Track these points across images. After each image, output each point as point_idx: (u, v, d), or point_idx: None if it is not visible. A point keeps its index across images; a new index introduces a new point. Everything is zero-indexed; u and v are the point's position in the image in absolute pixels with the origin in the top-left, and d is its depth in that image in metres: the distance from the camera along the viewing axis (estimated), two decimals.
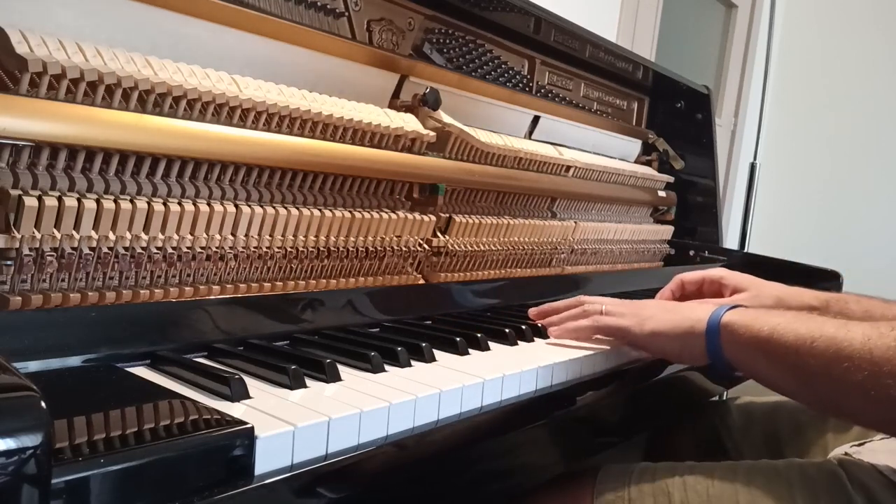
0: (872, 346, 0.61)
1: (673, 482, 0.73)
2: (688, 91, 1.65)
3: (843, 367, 0.62)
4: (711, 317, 0.75)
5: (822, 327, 0.65)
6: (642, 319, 0.81)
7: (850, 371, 0.61)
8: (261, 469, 0.46)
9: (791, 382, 0.70)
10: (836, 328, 0.64)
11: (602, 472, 0.77)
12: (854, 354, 0.61)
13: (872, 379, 0.60)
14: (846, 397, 0.64)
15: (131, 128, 0.63)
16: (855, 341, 0.62)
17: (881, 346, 0.60)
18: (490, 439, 0.65)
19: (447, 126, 0.96)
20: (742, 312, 0.74)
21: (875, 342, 0.61)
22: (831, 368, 0.63)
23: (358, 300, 0.84)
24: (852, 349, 0.62)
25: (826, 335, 0.64)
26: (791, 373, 0.68)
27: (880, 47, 3.18)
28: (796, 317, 0.69)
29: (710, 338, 0.75)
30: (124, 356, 0.61)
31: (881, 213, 3.17)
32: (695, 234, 1.70)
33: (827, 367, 0.63)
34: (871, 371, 0.60)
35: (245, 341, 0.70)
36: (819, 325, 0.66)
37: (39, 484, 0.35)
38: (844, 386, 0.63)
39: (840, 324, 0.65)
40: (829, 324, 0.66)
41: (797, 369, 0.67)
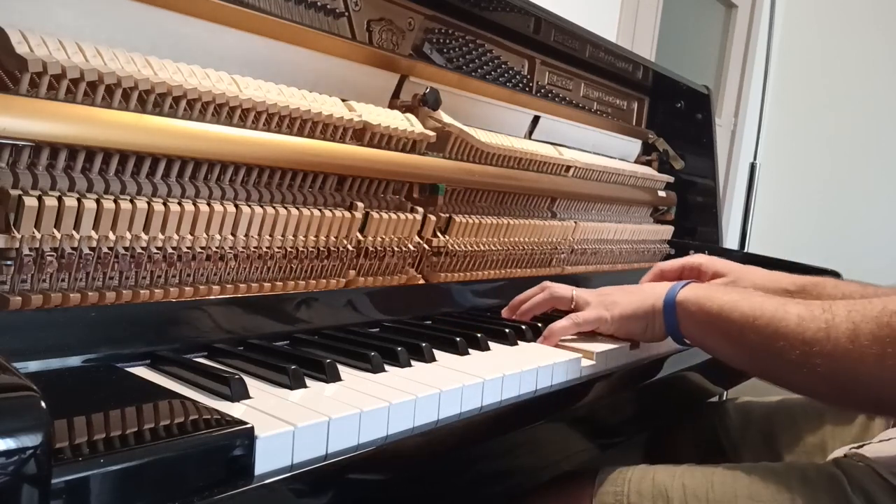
0: (805, 328, 0.64)
1: (672, 483, 0.73)
2: (688, 91, 1.65)
3: (779, 345, 0.66)
4: (668, 294, 0.80)
5: (763, 306, 0.69)
6: (608, 304, 0.84)
7: (786, 349, 0.66)
8: (261, 469, 0.46)
9: (738, 356, 0.75)
10: (775, 307, 0.68)
11: (601, 472, 0.77)
12: (789, 334, 0.66)
13: (804, 357, 0.64)
14: (784, 372, 0.69)
15: (131, 128, 0.63)
16: (791, 321, 0.66)
17: (812, 328, 0.64)
18: (490, 439, 0.65)
19: (447, 126, 0.96)
20: (694, 288, 0.79)
21: (807, 324, 0.65)
22: (770, 345, 0.67)
23: (358, 300, 0.84)
24: (787, 329, 0.66)
25: (766, 314, 0.68)
26: (737, 347, 0.73)
27: (880, 47, 3.18)
28: (743, 294, 0.74)
29: (667, 314, 0.79)
30: (124, 356, 0.61)
31: (881, 213, 3.17)
32: (695, 234, 1.70)
33: (766, 344, 0.68)
34: (803, 350, 0.64)
35: (245, 341, 0.71)
36: (760, 304, 0.70)
37: (39, 484, 0.35)
38: (781, 362, 0.67)
39: (780, 303, 0.69)
40: (770, 303, 0.70)
41: (742, 344, 0.71)
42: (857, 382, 0.62)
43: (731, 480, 0.72)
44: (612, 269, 1.38)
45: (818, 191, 3.33)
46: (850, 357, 0.61)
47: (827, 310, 0.65)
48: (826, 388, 0.66)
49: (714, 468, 0.75)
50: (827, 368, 0.63)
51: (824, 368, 0.63)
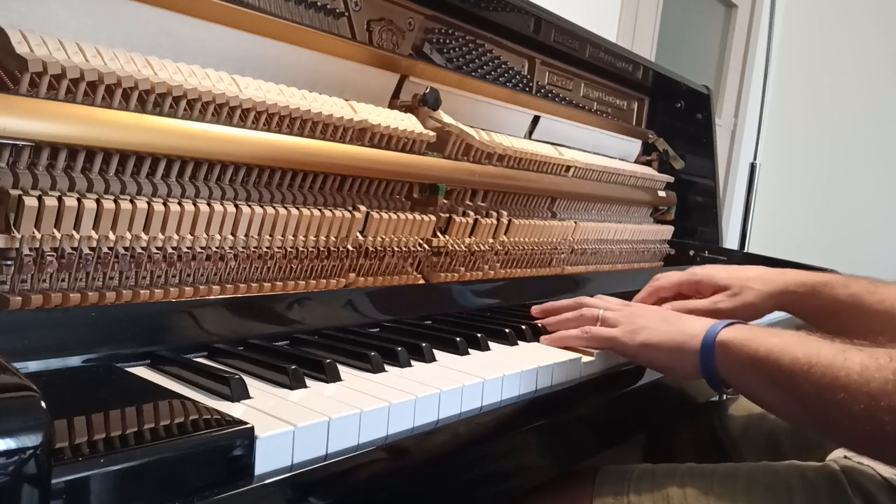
0: (870, 378, 0.59)
1: (672, 484, 0.73)
2: (688, 91, 1.65)
3: (838, 397, 0.60)
4: (707, 333, 0.74)
5: (819, 353, 0.63)
6: (635, 329, 0.79)
7: (846, 402, 0.60)
8: (261, 469, 0.46)
9: (786, 405, 0.69)
10: (833, 354, 0.62)
11: (601, 473, 0.77)
12: (851, 385, 0.60)
13: (868, 412, 0.58)
14: (844, 427, 0.62)
15: (131, 128, 0.63)
16: (853, 371, 0.60)
17: (879, 380, 0.58)
18: (490, 440, 0.65)
19: (447, 126, 0.96)
20: (738, 330, 0.73)
21: (872, 374, 0.59)
22: (827, 397, 0.61)
23: (358, 300, 0.84)
24: (849, 380, 0.60)
25: (823, 362, 0.62)
26: (787, 396, 0.67)
27: (880, 47, 3.18)
28: (794, 338, 0.68)
29: (704, 355, 0.73)
30: (124, 356, 0.61)
31: (881, 213, 3.17)
32: (695, 234, 1.70)
33: (822, 395, 0.62)
34: (868, 405, 0.58)
35: (245, 341, 0.71)
36: (816, 350, 0.64)
37: (39, 484, 0.35)
38: (840, 415, 0.61)
39: (838, 350, 0.63)
40: (827, 349, 0.64)
41: (793, 393, 0.66)
42: None
43: (731, 481, 0.72)
44: (612, 269, 1.38)
45: (818, 191, 3.33)
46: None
47: (894, 358, 0.59)
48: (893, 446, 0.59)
49: (714, 468, 0.75)
50: None
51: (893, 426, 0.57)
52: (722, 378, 0.73)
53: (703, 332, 0.74)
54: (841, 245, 3.07)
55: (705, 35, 3.19)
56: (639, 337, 0.78)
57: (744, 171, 2.60)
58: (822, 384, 0.62)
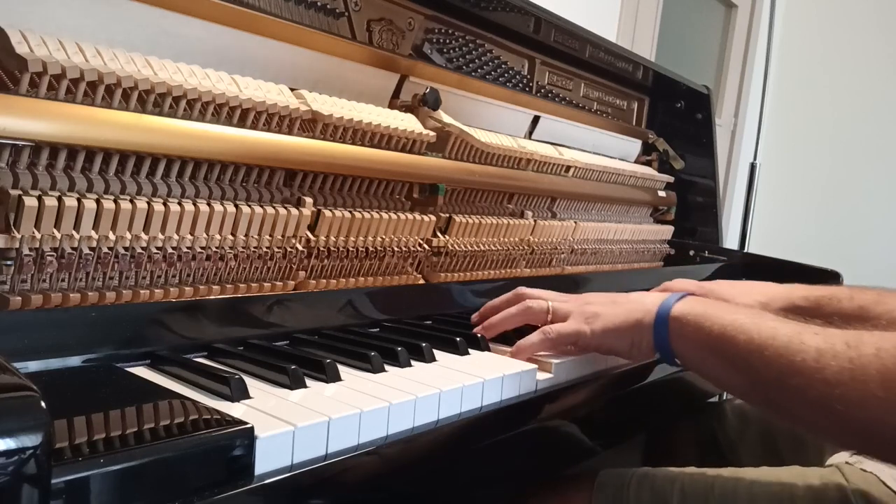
0: (825, 365, 0.57)
1: (672, 489, 0.73)
2: (688, 91, 1.65)
3: (793, 382, 0.59)
4: (661, 307, 0.70)
5: (776, 334, 0.61)
6: (589, 317, 0.75)
7: (801, 387, 0.58)
8: (261, 469, 0.46)
9: (740, 384, 0.66)
10: (789, 337, 0.60)
11: (601, 475, 0.77)
12: (806, 371, 0.58)
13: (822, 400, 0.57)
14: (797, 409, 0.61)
15: (131, 128, 0.63)
16: (808, 357, 0.58)
17: (834, 367, 0.56)
18: (490, 440, 0.65)
19: (447, 126, 0.96)
20: (692, 303, 0.70)
21: (828, 361, 0.57)
22: (783, 380, 0.60)
23: (358, 300, 0.84)
24: (804, 365, 0.58)
25: (778, 344, 0.60)
26: (741, 375, 0.65)
27: (880, 47, 3.18)
28: (751, 316, 0.65)
29: (658, 330, 0.70)
30: (124, 356, 0.61)
31: (881, 213, 3.17)
32: (695, 234, 1.70)
33: (778, 379, 0.60)
34: (822, 392, 0.57)
35: (245, 341, 0.71)
36: (772, 331, 0.62)
37: (39, 484, 0.35)
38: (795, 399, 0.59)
39: (794, 332, 0.61)
40: (783, 330, 0.61)
41: (747, 373, 0.64)
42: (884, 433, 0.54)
43: (731, 485, 0.72)
44: (612, 269, 1.38)
45: (818, 191, 3.33)
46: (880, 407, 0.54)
47: (852, 345, 0.57)
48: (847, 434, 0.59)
49: (715, 472, 0.75)
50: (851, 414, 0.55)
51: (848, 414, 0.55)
52: (675, 354, 0.70)
53: (657, 306, 0.71)
54: (841, 245, 3.07)
55: (705, 35, 3.19)
56: (596, 325, 0.74)
57: (744, 171, 2.60)
58: (778, 367, 0.60)
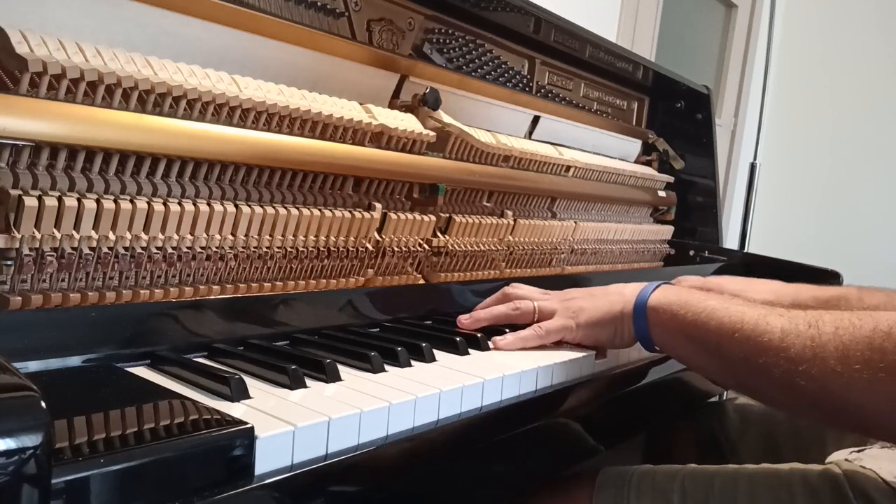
0: (789, 344, 0.61)
1: (673, 486, 0.73)
2: (688, 91, 1.65)
3: (760, 361, 0.62)
4: (639, 297, 0.74)
5: (744, 317, 0.65)
6: (574, 312, 0.79)
7: (767, 366, 0.62)
8: (261, 469, 0.46)
9: (714, 369, 0.71)
10: (756, 320, 0.64)
11: (601, 474, 0.77)
12: (771, 350, 0.62)
13: (788, 376, 0.60)
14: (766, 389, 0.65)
15: (131, 128, 0.63)
16: (773, 336, 0.62)
17: (797, 345, 0.60)
18: (490, 440, 0.65)
19: (447, 126, 0.96)
20: (666, 292, 0.74)
21: (792, 340, 0.61)
22: (750, 360, 0.63)
23: (358, 300, 0.84)
24: (770, 344, 0.62)
25: (746, 326, 0.64)
26: (714, 360, 0.69)
27: (880, 47, 3.18)
28: (721, 302, 0.69)
29: (637, 320, 0.74)
30: (124, 356, 0.61)
31: (881, 213, 3.17)
32: (695, 234, 1.70)
33: (746, 359, 0.64)
34: (786, 369, 0.60)
35: (245, 341, 0.71)
36: (740, 314, 0.66)
37: (39, 484, 0.35)
38: (763, 377, 0.63)
39: (761, 314, 0.65)
40: (751, 313, 0.65)
41: (719, 357, 0.67)
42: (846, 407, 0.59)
43: (732, 483, 0.72)
44: (612, 269, 1.38)
45: (818, 191, 3.33)
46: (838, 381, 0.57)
47: (813, 325, 0.61)
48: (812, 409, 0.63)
49: (715, 470, 0.75)
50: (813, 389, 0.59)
51: (810, 389, 0.60)
52: (654, 341, 0.75)
53: (635, 296, 0.75)
54: (841, 245, 3.07)
55: (705, 35, 3.19)
56: (581, 318, 0.78)
57: (744, 171, 2.60)
58: (747, 349, 0.64)
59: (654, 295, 0.74)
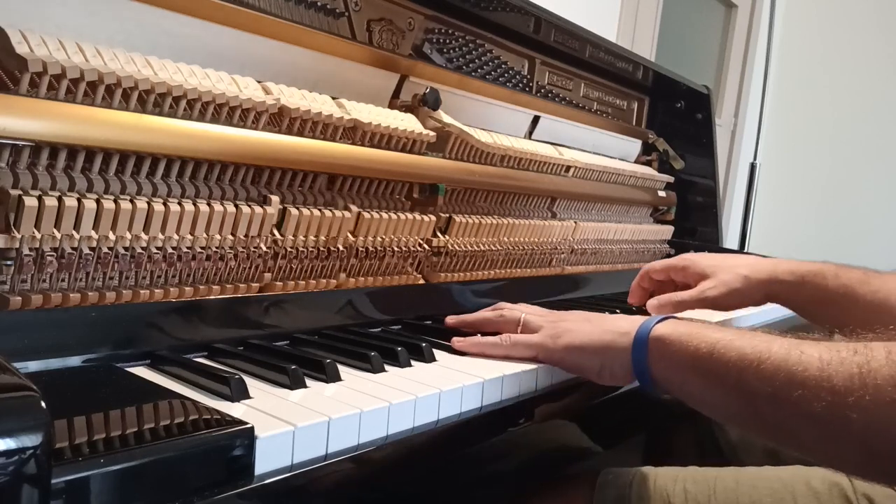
0: (832, 373, 0.52)
1: (674, 489, 0.73)
2: (688, 91, 1.65)
3: (795, 394, 0.54)
4: (640, 329, 0.67)
5: (771, 347, 0.57)
6: (558, 332, 0.73)
7: (805, 400, 0.53)
8: (261, 469, 0.46)
9: (731, 406, 0.61)
10: (787, 349, 0.56)
11: (602, 475, 0.77)
12: (809, 381, 0.53)
13: (831, 410, 0.52)
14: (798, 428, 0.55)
15: (131, 128, 0.63)
16: (811, 367, 0.54)
17: (843, 374, 0.52)
18: (490, 439, 0.65)
19: (447, 126, 0.96)
20: (675, 325, 0.66)
21: (835, 368, 0.52)
22: (781, 395, 0.55)
23: (358, 300, 0.84)
24: (807, 375, 0.53)
25: (775, 357, 0.56)
26: (732, 395, 0.59)
27: (880, 47, 3.18)
28: (740, 334, 0.61)
29: (637, 352, 0.67)
30: (124, 356, 0.61)
31: (881, 213, 3.17)
32: (695, 234, 1.70)
33: (775, 395, 0.55)
34: (831, 402, 0.52)
35: (245, 341, 0.71)
36: (766, 345, 0.57)
37: (39, 484, 0.35)
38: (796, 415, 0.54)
39: (792, 344, 0.57)
40: (779, 343, 0.57)
41: (739, 392, 0.58)
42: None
43: (733, 486, 0.72)
44: (612, 268, 1.38)
45: (818, 191, 3.33)
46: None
47: (860, 351, 0.52)
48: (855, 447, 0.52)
49: (717, 472, 0.75)
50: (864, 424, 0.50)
51: (861, 424, 0.50)
52: (655, 377, 0.66)
53: (636, 328, 0.68)
54: (841, 245, 3.07)
55: (705, 35, 3.19)
56: (562, 340, 0.72)
57: (744, 171, 2.61)
58: (776, 382, 0.55)
59: (660, 326, 0.66)
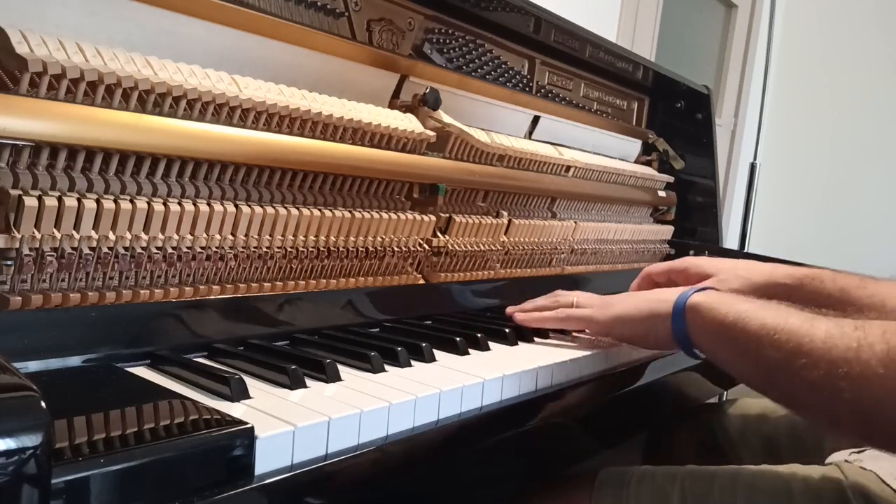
0: (832, 346, 0.58)
1: (673, 487, 0.73)
2: (688, 91, 1.65)
3: (800, 362, 0.60)
4: (678, 298, 0.75)
5: (787, 319, 0.63)
6: (606, 305, 0.82)
7: (807, 367, 0.59)
8: (261, 469, 0.46)
9: (751, 371, 0.68)
10: (801, 321, 0.62)
11: (601, 474, 0.77)
12: (813, 351, 0.59)
13: (826, 379, 0.58)
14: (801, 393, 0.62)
15: (131, 128, 0.63)
16: (816, 338, 0.60)
17: (841, 347, 0.58)
18: (490, 440, 0.65)
19: (447, 126, 0.96)
20: (709, 294, 0.73)
21: (836, 341, 0.58)
22: (790, 362, 0.61)
23: (358, 300, 0.84)
24: (812, 346, 0.59)
25: (789, 327, 0.62)
26: (752, 362, 0.66)
27: (880, 47, 3.18)
28: (764, 305, 0.67)
29: (675, 320, 0.74)
30: (124, 356, 0.61)
31: (881, 213, 3.17)
32: (695, 234, 1.70)
33: (786, 361, 0.61)
34: (827, 370, 0.58)
35: (245, 341, 0.71)
36: (784, 317, 0.63)
37: (39, 484, 0.35)
38: (800, 382, 0.60)
39: (806, 317, 0.63)
40: (795, 316, 0.63)
41: (757, 359, 0.65)
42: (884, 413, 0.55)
43: (731, 484, 0.72)
44: (612, 268, 1.38)
45: (818, 191, 3.33)
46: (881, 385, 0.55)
47: (860, 327, 0.58)
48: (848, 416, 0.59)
49: (715, 471, 0.75)
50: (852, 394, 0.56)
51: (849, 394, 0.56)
52: (693, 343, 0.74)
53: (674, 298, 0.75)
54: (841, 245, 3.07)
55: (705, 35, 3.19)
56: (611, 310, 0.81)
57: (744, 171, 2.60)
58: (787, 350, 0.61)
59: (695, 296, 0.73)
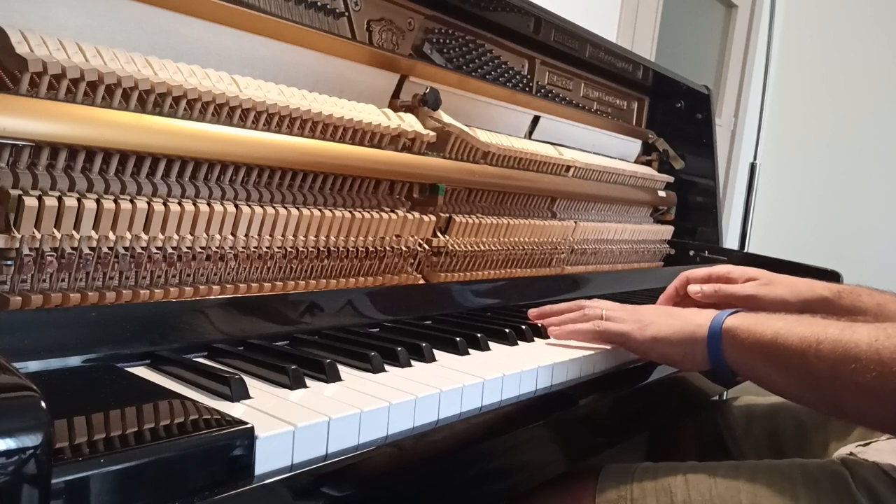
0: (880, 347, 0.60)
1: (675, 481, 0.73)
2: (688, 91, 1.65)
3: (850, 368, 0.62)
4: (713, 322, 0.75)
5: (827, 329, 0.65)
6: (643, 325, 0.80)
7: (858, 372, 0.61)
8: (261, 469, 0.46)
9: (796, 385, 0.70)
10: (840, 330, 0.64)
11: (604, 471, 0.77)
12: (861, 356, 0.61)
13: (881, 380, 0.60)
14: (853, 399, 0.64)
15: (131, 128, 0.63)
16: (861, 342, 0.62)
17: (889, 347, 0.60)
18: (490, 439, 0.65)
19: (447, 126, 0.96)
20: (744, 317, 0.74)
21: (883, 343, 0.61)
22: (838, 371, 0.63)
23: (358, 300, 0.84)
24: (859, 350, 0.62)
25: (831, 337, 0.64)
26: (796, 376, 0.68)
27: (880, 47, 3.17)
28: (799, 320, 0.69)
29: (711, 343, 0.74)
30: (124, 356, 0.61)
31: (881, 213, 3.17)
32: (695, 234, 1.70)
33: (834, 370, 0.63)
34: (880, 372, 0.60)
35: (245, 341, 0.70)
36: (823, 328, 0.66)
37: (39, 484, 0.35)
38: (852, 388, 0.62)
39: (844, 325, 0.65)
40: (833, 326, 0.66)
41: (802, 372, 0.67)
42: None
43: (734, 478, 0.72)
44: (612, 269, 1.38)
45: (818, 191, 3.33)
46: None
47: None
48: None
49: (717, 466, 0.75)
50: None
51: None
52: (730, 365, 0.74)
53: (709, 321, 0.75)
54: (841, 245, 3.07)
55: (705, 35, 3.19)
56: (649, 331, 0.79)
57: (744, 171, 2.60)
58: (833, 359, 0.63)
59: (730, 319, 0.74)
